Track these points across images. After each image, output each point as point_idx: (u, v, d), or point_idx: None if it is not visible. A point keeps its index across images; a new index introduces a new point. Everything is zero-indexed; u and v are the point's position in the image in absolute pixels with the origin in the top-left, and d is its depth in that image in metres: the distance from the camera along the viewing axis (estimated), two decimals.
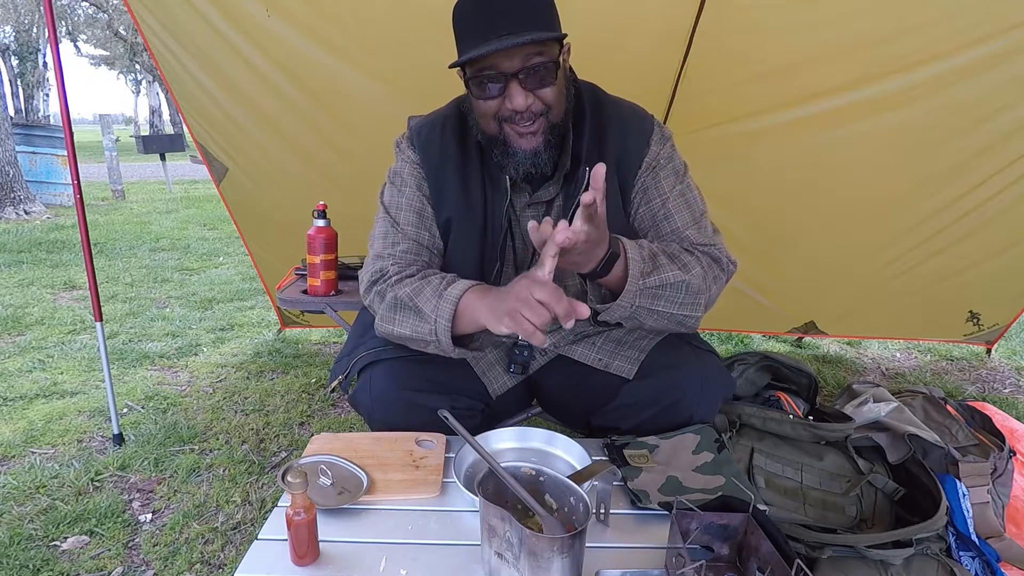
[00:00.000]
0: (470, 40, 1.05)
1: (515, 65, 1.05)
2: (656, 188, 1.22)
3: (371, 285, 1.21)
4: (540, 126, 1.11)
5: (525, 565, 0.77)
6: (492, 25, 1.03)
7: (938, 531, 1.23)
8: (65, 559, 1.54)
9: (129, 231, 5.98)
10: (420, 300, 1.10)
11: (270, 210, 2.59)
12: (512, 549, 0.78)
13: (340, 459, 1.09)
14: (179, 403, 2.40)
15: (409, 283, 1.14)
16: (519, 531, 0.76)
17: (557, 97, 1.10)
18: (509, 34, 1.01)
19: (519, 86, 1.06)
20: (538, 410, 1.51)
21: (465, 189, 1.21)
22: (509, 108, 1.08)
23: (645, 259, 1.07)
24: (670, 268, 1.09)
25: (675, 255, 1.13)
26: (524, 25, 1.02)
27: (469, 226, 1.22)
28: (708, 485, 1.05)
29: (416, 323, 1.12)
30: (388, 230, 1.24)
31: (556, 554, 0.76)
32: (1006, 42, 1.84)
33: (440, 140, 1.22)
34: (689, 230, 1.21)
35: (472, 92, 1.12)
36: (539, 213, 1.25)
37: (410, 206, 1.24)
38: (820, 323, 3.01)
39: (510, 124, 1.11)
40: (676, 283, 1.09)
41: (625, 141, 1.21)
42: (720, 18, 1.86)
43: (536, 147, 1.12)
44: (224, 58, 2.05)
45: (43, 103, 22.74)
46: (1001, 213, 2.36)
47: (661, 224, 1.22)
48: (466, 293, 1.07)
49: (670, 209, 1.22)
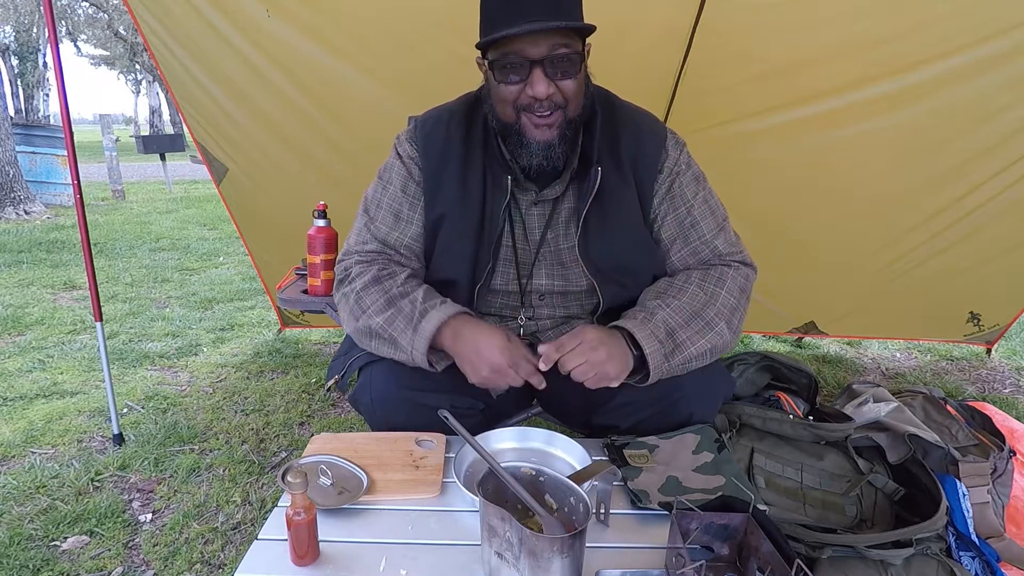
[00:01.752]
0: (498, 22, 1.05)
1: (540, 52, 1.05)
2: (680, 196, 1.23)
3: (338, 285, 1.23)
4: (557, 119, 1.10)
5: (525, 565, 0.77)
6: (521, 10, 1.03)
7: (938, 531, 1.23)
8: (65, 559, 1.54)
9: (129, 231, 5.98)
10: (394, 331, 1.11)
11: (270, 210, 2.59)
12: (512, 549, 0.78)
13: (340, 459, 1.09)
14: (179, 403, 2.40)
15: (378, 308, 1.14)
16: (519, 531, 0.76)
17: (577, 91, 1.10)
18: (540, 19, 1.01)
19: (542, 73, 1.06)
20: (538, 410, 1.51)
21: (464, 185, 1.21)
22: (530, 95, 1.08)
23: (663, 342, 1.09)
24: (691, 341, 1.11)
25: (699, 311, 1.14)
26: (554, 13, 1.03)
27: (464, 223, 1.21)
28: (708, 485, 1.05)
29: (392, 351, 1.14)
30: (361, 228, 1.26)
31: (556, 554, 0.76)
32: (1007, 43, 1.84)
33: (445, 134, 1.22)
34: (717, 239, 1.24)
35: (494, 76, 1.11)
36: (545, 211, 1.25)
37: (389, 206, 1.24)
38: (820, 323, 3.00)
39: (527, 113, 1.11)
40: (703, 353, 1.13)
41: (640, 145, 1.21)
42: (720, 18, 1.86)
43: (551, 139, 1.12)
44: (224, 58, 2.05)
45: (43, 103, 22.72)
46: (1002, 214, 2.36)
47: (688, 232, 1.24)
48: (440, 330, 1.09)
49: (696, 217, 1.23)
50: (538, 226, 1.26)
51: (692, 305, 1.15)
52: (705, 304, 1.16)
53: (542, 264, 1.27)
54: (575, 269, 1.26)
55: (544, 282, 1.29)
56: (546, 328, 1.34)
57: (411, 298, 1.14)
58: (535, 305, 1.32)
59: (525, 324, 1.33)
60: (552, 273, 1.28)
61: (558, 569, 0.76)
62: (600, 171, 1.17)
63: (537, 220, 1.25)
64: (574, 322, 1.35)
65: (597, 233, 1.21)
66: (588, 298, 1.31)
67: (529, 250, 1.27)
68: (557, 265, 1.27)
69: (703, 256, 1.25)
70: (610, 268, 1.24)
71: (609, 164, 1.19)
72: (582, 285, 1.27)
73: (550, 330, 1.35)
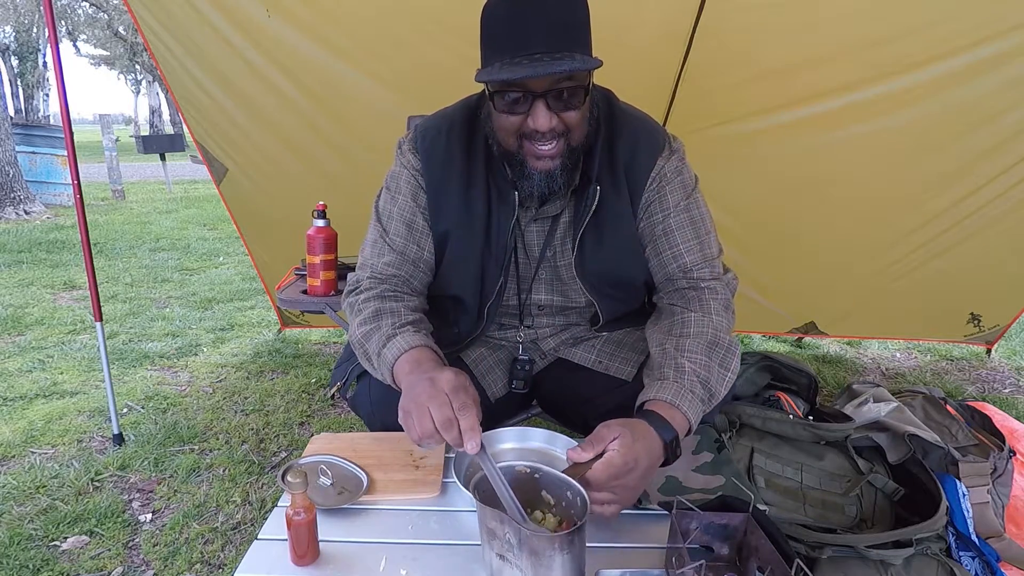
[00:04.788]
0: (501, 52, 0.99)
1: (543, 85, 1.00)
2: (660, 203, 1.18)
3: (347, 295, 1.21)
4: (559, 149, 1.06)
5: (527, 565, 0.77)
6: (525, 42, 0.97)
7: (938, 531, 1.23)
8: (65, 559, 1.54)
9: (129, 231, 5.98)
10: (369, 347, 1.10)
11: (270, 210, 2.59)
12: (513, 550, 0.78)
13: (340, 459, 1.09)
14: (179, 403, 2.40)
15: (364, 319, 1.12)
16: (518, 532, 0.76)
17: (580, 120, 1.06)
18: (544, 53, 0.96)
19: (545, 107, 1.01)
20: (538, 410, 1.50)
21: (467, 201, 1.17)
22: (531, 127, 1.04)
23: (704, 400, 1.02)
24: (720, 381, 1.05)
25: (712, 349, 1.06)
26: (559, 45, 0.97)
27: (469, 240, 1.18)
28: (708, 485, 1.05)
29: (369, 365, 1.13)
30: (377, 239, 1.22)
31: (557, 551, 0.75)
32: (1007, 44, 1.84)
33: (445, 146, 1.18)
34: (691, 254, 1.16)
35: (495, 105, 1.06)
36: (544, 228, 1.22)
37: (401, 216, 1.21)
38: (820, 323, 3.01)
39: (529, 142, 1.07)
40: (727, 392, 1.08)
41: (634, 153, 1.18)
42: (721, 18, 1.86)
43: (552, 169, 1.08)
44: (224, 58, 2.05)
45: (43, 103, 22.72)
46: (1003, 215, 2.36)
47: (659, 241, 1.18)
48: (398, 361, 1.03)
49: (671, 225, 1.17)
50: (537, 242, 1.24)
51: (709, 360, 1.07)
52: (706, 372, 1.06)
53: (541, 280, 1.26)
54: (573, 286, 1.24)
55: (543, 297, 1.28)
56: (545, 336, 1.34)
57: (392, 320, 1.10)
58: (534, 315, 1.31)
59: (524, 332, 1.33)
60: (551, 289, 1.27)
61: (559, 566, 0.76)
62: (599, 190, 1.14)
63: (536, 236, 1.23)
64: (573, 329, 1.35)
65: (592, 251, 1.19)
66: (586, 311, 1.30)
67: (529, 265, 1.25)
68: (556, 281, 1.26)
69: (669, 271, 1.19)
70: (606, 284, 1.22)
71: (607, 180, 1.16)
72: (580, 301, 1.27)
73: (550, 337, 1.34)
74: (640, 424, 0.94)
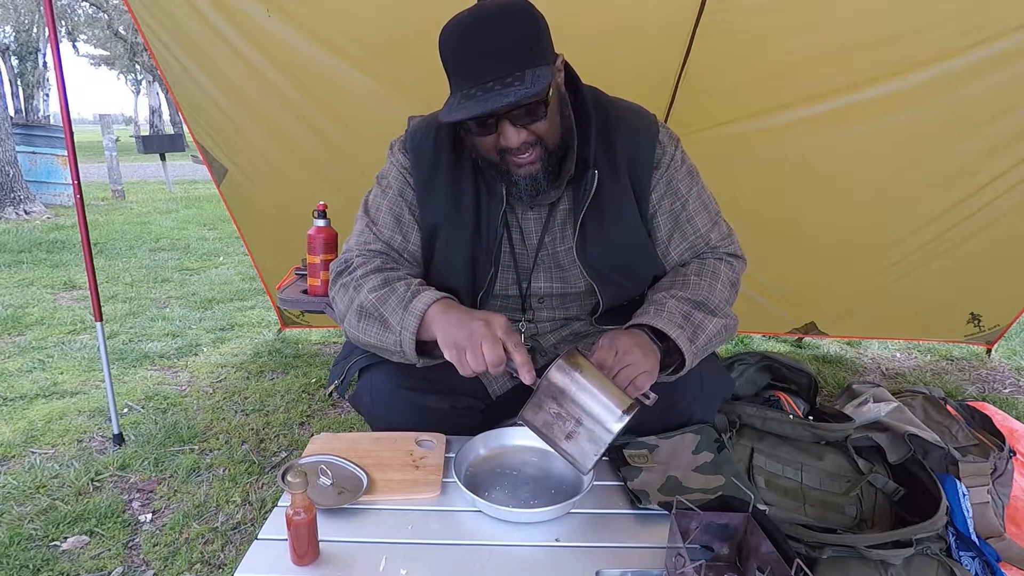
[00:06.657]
0: (458, 81, 1.05)
1: (504, 108, 1.03)
2: (676, 191, 1.25)
3: (336, 276, 1.21)
4: (536, 155, 1.11)
5: (591, 425, 0.94)
6: (477, 70, 1.01)
7: (938, 531, 1.24)
8: (65, 559, 1.54)
9: (129, 231, 5.98)
10: (385, 310, 1.10)
11: (270, 210, 2.59)
12: (579, 421, 0.95)
13: (340, 459, 1.09)
14: (179, 403, 2.40)
15: (373, 286, 1.13)
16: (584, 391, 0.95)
17: (550, 127, 1.10)
18: (496, 80, 1.00)
19: (511, 125, 1.06)
20: None
21: (455, 195, 1.21)
22: (503, 145, 1.09)
23: (683, 326, 1.12)
24: (707, 320, 1.15)
25: (703, 301, 1.17)
26: (510, 67, 1.00)
27: (458, 232, 1.21)
28: (708, 485, 1.05)
29: (381, 333, 1.11)
30: (364, 229, 1.25)
31: (625, 416, 0.93)
32: (1008, 44, 1.84)
33: (433, 144, 1.22)
34: (712, 232, 1.27)
35: (468, 128, 1.11)
36: (541, 215, 1.25)
37: (390, 209, 1.24)
38: (820, 324, 3.01)
39: (508, 155, 1.11)
40: (719, 332, 1.16)
41: (636, 145, 1.22)
42: (721, 19, 1.86)
43: (534, 173, 1.13)
44: (224, 58, 2.05)
45: (43, 103, 22.71)
46: (1004, 215, 2.36)
47: (684, 226, 1.26)
48: (431, 307, 1.07)
49: (691, 211, 1.26)
50: (535, 231, 1.26)
51: (696, 294, 1.17)
52: (707, 293, 1.19)
53: (540, 268, 1.28)
54: (573, 271, 1.26)
55: (543, 285, 1.29)
56: (546, 331, 1.35)
57: (407, 282, 1.13)
58: (535, 308, 1.32)
59: (525, 327, 1.34)
60: (551, 276, 1.28)
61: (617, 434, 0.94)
62: (597, 174, 1.17)
63: (534, 224, 1.26)
64: (574, 324, 1.35)
65: (594, 235, 1.22)
66: (587, 299, 1.31)
67: (527, 255, 1.27)
68: (555, 268, 1.28)
69: (698, 249, 1.28)
70: (608, 269, 1.24)
71: (605, 166, 1.19)
72: (581, 287, 1.28)
73: (550, 332, 1.35)
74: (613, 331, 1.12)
